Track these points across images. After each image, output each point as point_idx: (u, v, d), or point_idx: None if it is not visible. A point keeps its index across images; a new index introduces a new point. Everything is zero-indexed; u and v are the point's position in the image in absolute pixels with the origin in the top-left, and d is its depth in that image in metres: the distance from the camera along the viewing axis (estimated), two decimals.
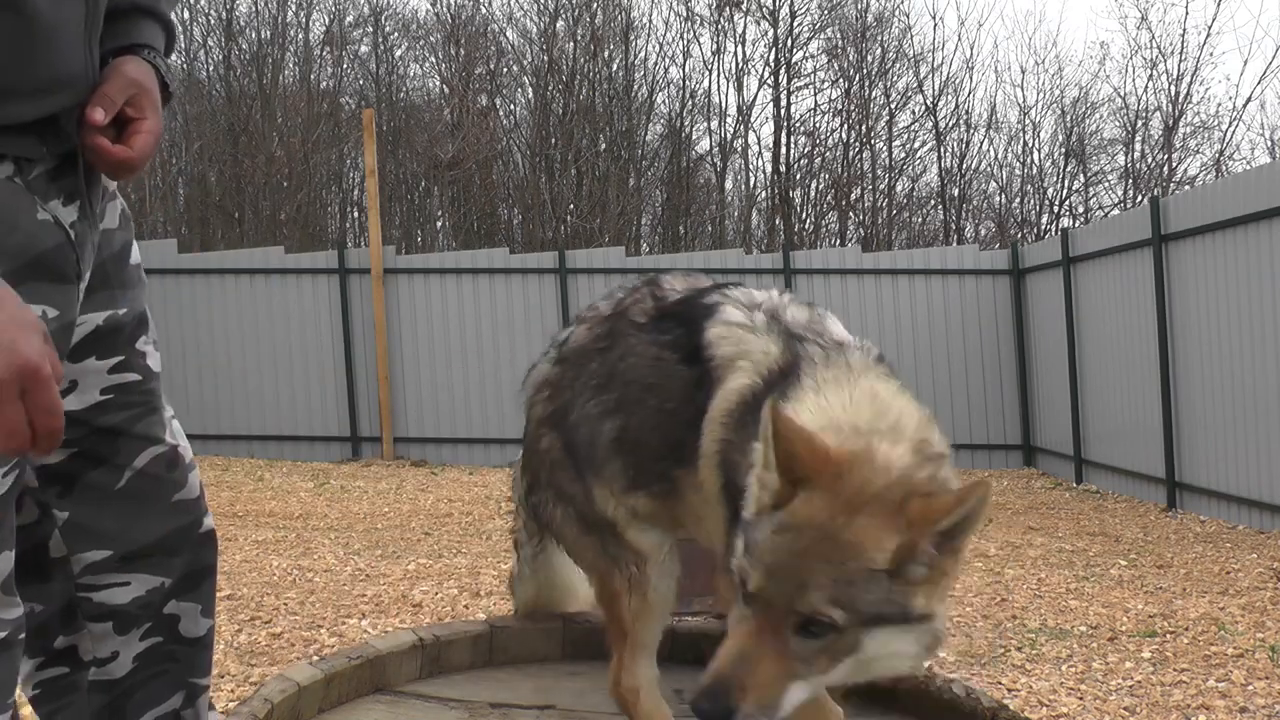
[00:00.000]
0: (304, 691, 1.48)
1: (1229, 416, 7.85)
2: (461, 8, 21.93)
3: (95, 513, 1.72)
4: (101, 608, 1.75)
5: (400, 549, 6.71)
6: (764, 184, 22.38)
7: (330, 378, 11.50)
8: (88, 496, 1.71)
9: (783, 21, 21.28)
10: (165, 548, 1.77)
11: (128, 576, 1.75)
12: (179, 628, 1.81)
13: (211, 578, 1.86)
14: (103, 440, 1.70)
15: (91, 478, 1.71)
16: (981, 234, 21.69)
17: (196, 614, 1.83)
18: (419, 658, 1.67)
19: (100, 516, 1.72)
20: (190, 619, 1.82)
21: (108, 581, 1.74)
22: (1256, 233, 7.46)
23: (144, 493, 1.74)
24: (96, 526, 1.72)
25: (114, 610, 1.75)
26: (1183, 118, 20.15)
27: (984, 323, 11.29)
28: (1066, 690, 4.14)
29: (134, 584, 1.75)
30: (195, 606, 1.83)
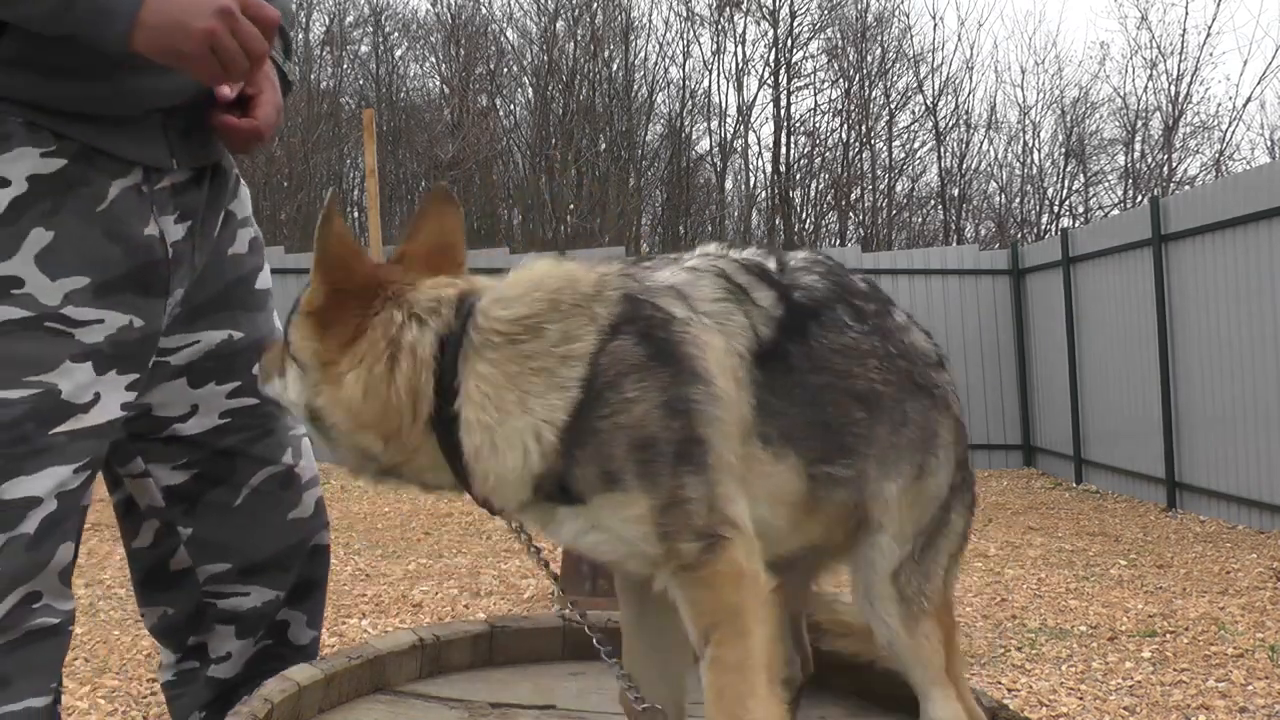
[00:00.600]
0: (304, 691, 1.48)
1: (1229, 417, 7.85)
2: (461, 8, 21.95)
3: (215, 529, 1.83)
4: (225, 613, 1.87)
5: (400, 549, 6.71)
6: (764, 184, 22.41)
7: None
8: (209, 514, 1.82)
9: (783, 21, 21.30)
10: (280, 564, 1.88)
11: (247, 588, 1.86)
12: (288, 633, 1.92)
13: (320, 590, 1.97)
14: (221, 461, 1.80)
15: (211, 496, 1.82)
16: (981, 234, 21.71)
17: (303, 623, 1.94)
18: (419, 658, 1.67)
19: (220, 532, 1.83)
20: (297, 626, 1.94)
21: (230, 591, 1.86)
22: (1256, 233, 7.47)
23: (260, 511, 1.84)
24: (217, 541, 1.84)
25: (237, 615, 1.87)
26: (1183, 118, 20.17)
27: (984, 323, 11.29)
28: (1066, 690, 4.14)
29: (253, 594, 1.87)
30: (303, 616, 1.94)
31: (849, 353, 1.28)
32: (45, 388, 1.52)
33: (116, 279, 1.57)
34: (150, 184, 1.62)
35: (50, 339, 1.52)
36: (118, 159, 1.58)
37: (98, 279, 1.55)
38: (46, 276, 1.52)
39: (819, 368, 1.26)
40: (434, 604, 5.29)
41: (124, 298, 1.58)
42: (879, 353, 1.30)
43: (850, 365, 1.28)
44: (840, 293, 1.32)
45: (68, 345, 1.53)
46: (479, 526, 7.50)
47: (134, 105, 1.58)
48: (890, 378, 1.30)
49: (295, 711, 1.46)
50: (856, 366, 1.28)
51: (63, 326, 1.53)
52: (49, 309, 1.52)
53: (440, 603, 5.31)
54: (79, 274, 1.54)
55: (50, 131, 1.52)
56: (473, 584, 5.70)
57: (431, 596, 5.42)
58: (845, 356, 1.28)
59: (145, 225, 1.60)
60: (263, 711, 1.37)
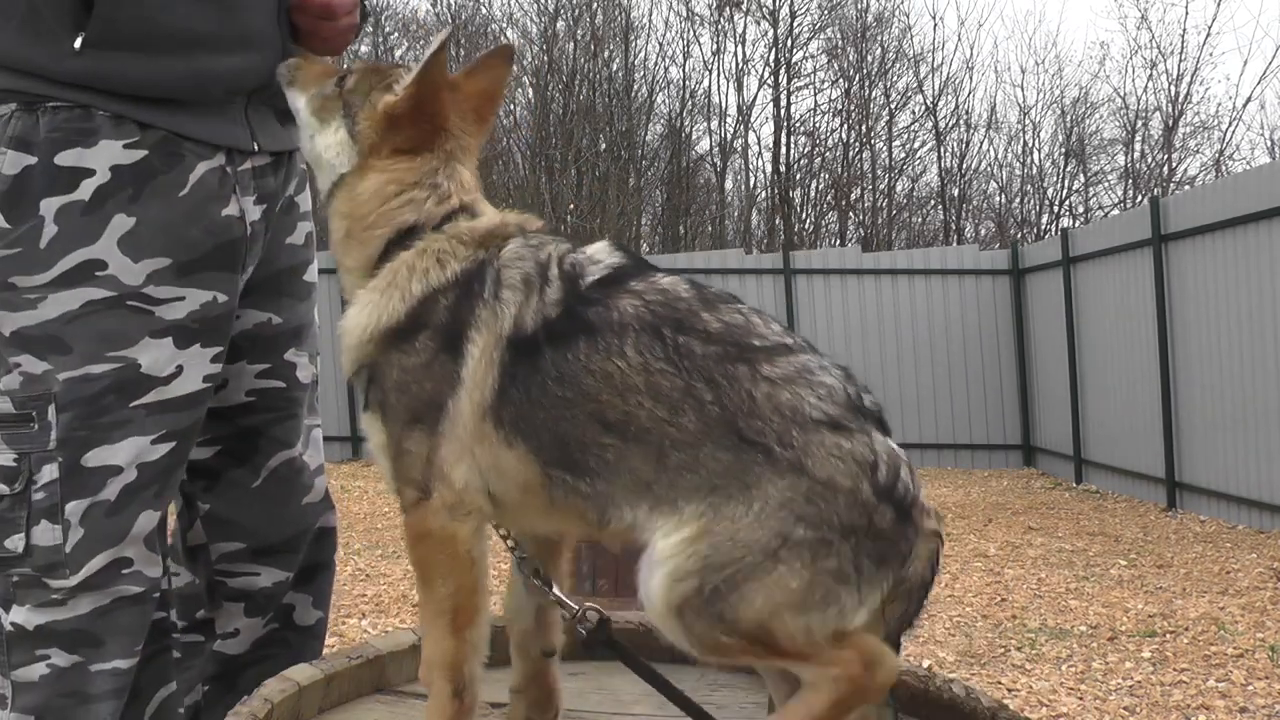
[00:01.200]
0: (304, 691, 1.48)
1: (1229, 416, 7.85)
2: (461, 8, 21.94)
3: (233, 508, 1.90)
4: (235, 592, 1.93)
5: (400, 549, 6.71)
6: (764, 184, 22.41)
7: (330, 377, 11.48)
8: (228, 493, 1.89)
9: (783, 21, 21.29)
10: (291, 546, 1.95)
11: (258, 568, 1.93)
12: (293, 616, 1.99)
13: (326, 572, 2.04)
14: (244, 440, 1.88)
15: (233, 475, 1.89)
16: (981, 234, 21.71)
17: (309, 605, 2.01)
18: (419, 658, 1.67)
19: (237, 511, 1.90)
20: (303, 608, 2.00)
21: (241, 570, 1.92)
22: (1256, 233, 7.47)
23: (277, 494, 1.91)
24: (234, 520, 1.90)
25: (247, 594, 1.93)
26: (1183, 118, 20.17)
27: (984, 323, 11.29)
28: (1066, 690, 4.14)
29: (263, 575, 1.93)
30: (308, 598, 2.01)
31: (607, 380, 1.28)
32: (126, 362, 1.63)
33: (198, 258, 1.68)
34: (234, 165, 1.73)
35: (131, 316, 1.63)
36: (203, 143, 1.68)
37: (180, 259, 1.65)
38: (129, 259, 1.62)
39: (564, 380, 1.29)
40: None
41: (206, 275, 1.68)
42: (669, 391, 1.26)
43: (603, 391, 1.28)
44: (656, 325, 1.29)
45: (148, 322, 1.64)
46: None
47: (213, 87, 1.68)
48: (676, 418, 1.26)
49: (295, 711, 1.46)
50: (612, 395, 1.27)
51: (144, 305, 1.63)
52: (131, 288, 1.62)
53: None
54: (161, 255, 1.64)
55: (135, 123, 1.63)
56: None
57: None
58: (600, 381, 1.28)
59: (225, 206, 1.71)
60: (263, 711, 1.38)
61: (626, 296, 1.32)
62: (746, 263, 11.72)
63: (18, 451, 1.63)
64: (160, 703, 1.81)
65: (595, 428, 1.28)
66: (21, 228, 1.60)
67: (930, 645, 4.71)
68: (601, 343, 1.29)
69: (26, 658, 1.65)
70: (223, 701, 1.94)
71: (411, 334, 1.35)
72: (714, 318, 1.30)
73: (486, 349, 1.32)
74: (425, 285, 1.37)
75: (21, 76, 1.60)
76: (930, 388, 11.27)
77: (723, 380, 1.26)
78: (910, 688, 1.60)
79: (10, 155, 1.59)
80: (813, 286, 11.35)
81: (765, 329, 1.31)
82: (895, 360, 11.26)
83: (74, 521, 1.63)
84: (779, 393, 1.26)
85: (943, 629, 4.99)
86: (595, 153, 20.82)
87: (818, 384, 1.27)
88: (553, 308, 1.32)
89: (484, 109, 1.51)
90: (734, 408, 1.25)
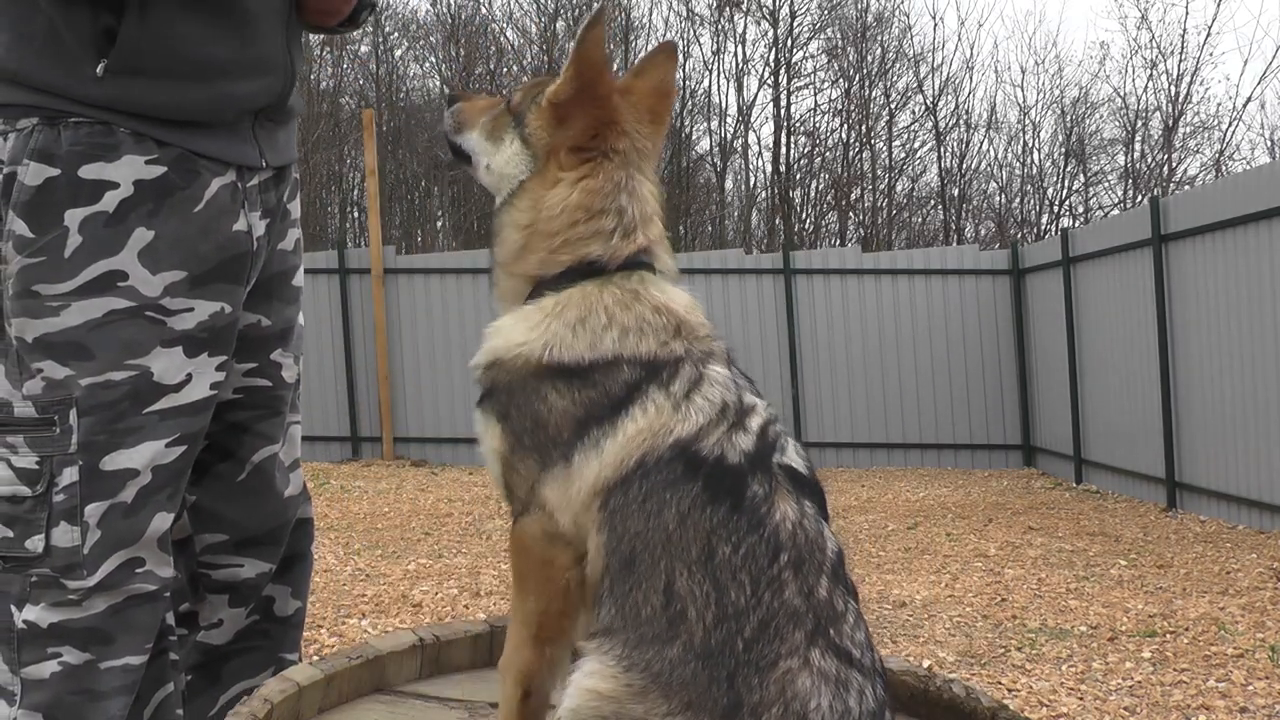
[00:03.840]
0: (304, 691, 1.48)
1: (1229, 417, 7.85)
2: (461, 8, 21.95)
3: (218, 500, 1.95)
4: (219, 584, 1.99)
5: (400, 549, 6.71)
6: (764, 184, 22.42)
7: (330, 377, 11.50)
8: (214, 486, 1.95)
9: (783, 21, 21.29)
10: (273, 538, 2.01)
11: (241, 560, 1.99)
12: (273, 608, 2.05)
13: (303, 563, 2.10)
14: (231, 435, 1.94)
15: (219, 469, 1.95)
16: (981, 234, 21.72)
17: (287, 595, 2.07)
18: (419, 658, 1.67)
19: (222, 504, 1.96)
20: (282, 599, 2.06)
21: (225, 562, 1.98)
22: (1256, 233, 7.47)
23: (259, 487, 1.98)
24: (218, 512, 1.96)
25: (231, 586, 1.99)
26: (1183, 118, 20.18)
27: (984, 323, 11.29)
28: (1066, 690, 4.14)
29: (247, 566, 1.99)
30: (286, 589, 2.07)
31: (707, 556, 1.25)
32: (140, 370, 1.69)
33: (210, 271, 1.74)
34: (243, 181, 1.79)
35: (147, 326, 1.69)
36: (216, 160, 1.74)
37: (194, 272, 1.72)
38: (148, 270, 1.68)
39: (683, 520, 1.26)
40: (434, 604, 5.29)
41: (216, 287, 1.76)
42: (729, 603, 1.23)
43: (696, 562, 1.25)
44: (779, 549, 1.26)
45: (161, 332, 1.71)
46: (479, 526, 7.50)
47: (228, 109, 1.75)
48: (708, 626, 1.23)
49: (295, 711, 1.46)
50: (696, 570, 1.25)
51: (159, 315, 1.70)
52: (149, 299, 1.69)
53: (440, 603, 5.31)
54: (177, 268, 1.71)
55: (154, 140, 1.68)
56: (473, 584, 5.70)
57: (431, 596, 5.42)
58: (701, 552, 1.25)
59: (235, 221, 1.78)
60: (263, 711, 1.37)
61: (793, 507, 1.27)
62: (746, 263, 11.72)
63: (40, 455, 1.67)
64: (159, 704, 1.82)
65: (658, 581, 1.24)
66: (46, 237, 1.64)
67: (930, 645, 4.71)
68: (734, 523, 1.25)
69: (38, 655, 1.68)
70: (206, 692, 2.01)
71: (578, 381, 1.33)
72: (822, 585, 1.25)
73: (640, 434, 1.29)
74: (619, 347, 1.34)
75: (43, 94, 1.64)
76: (930, 388, 11.27)
77: (773, 634, 1.21)
78: (910, 688, 1.61)
79: (33, 167, 1.63)
80: (813, 286, 11.35)
81: (853, 631, 1.25)
82: (895, 360, 11.26)
83: (92, 523, 1.67)
84: (799, 680, 1.19)
85: (943, 629, 4.99)
86: None
87: (841, 709, 1.19)
88: (733, 453, 1.28)
89: (658, 107, 1.49)
90: (751, 660, 1.20)
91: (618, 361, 1.34)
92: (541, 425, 1.34)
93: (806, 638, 1.22)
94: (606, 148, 1.41)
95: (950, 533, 7.51)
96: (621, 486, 1.28)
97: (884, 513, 8.44)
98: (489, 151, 1.50)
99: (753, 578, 1.23)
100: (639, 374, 1.33)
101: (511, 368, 1.38)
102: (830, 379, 11.33)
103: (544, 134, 1.42)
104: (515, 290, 1.44)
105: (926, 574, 6.16)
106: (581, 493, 1.30)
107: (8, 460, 1.68)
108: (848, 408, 11.35)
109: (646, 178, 1.45)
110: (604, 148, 1.41)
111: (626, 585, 1.26)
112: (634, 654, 1.23)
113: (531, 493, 1.34)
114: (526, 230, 1.42)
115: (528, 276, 1.43)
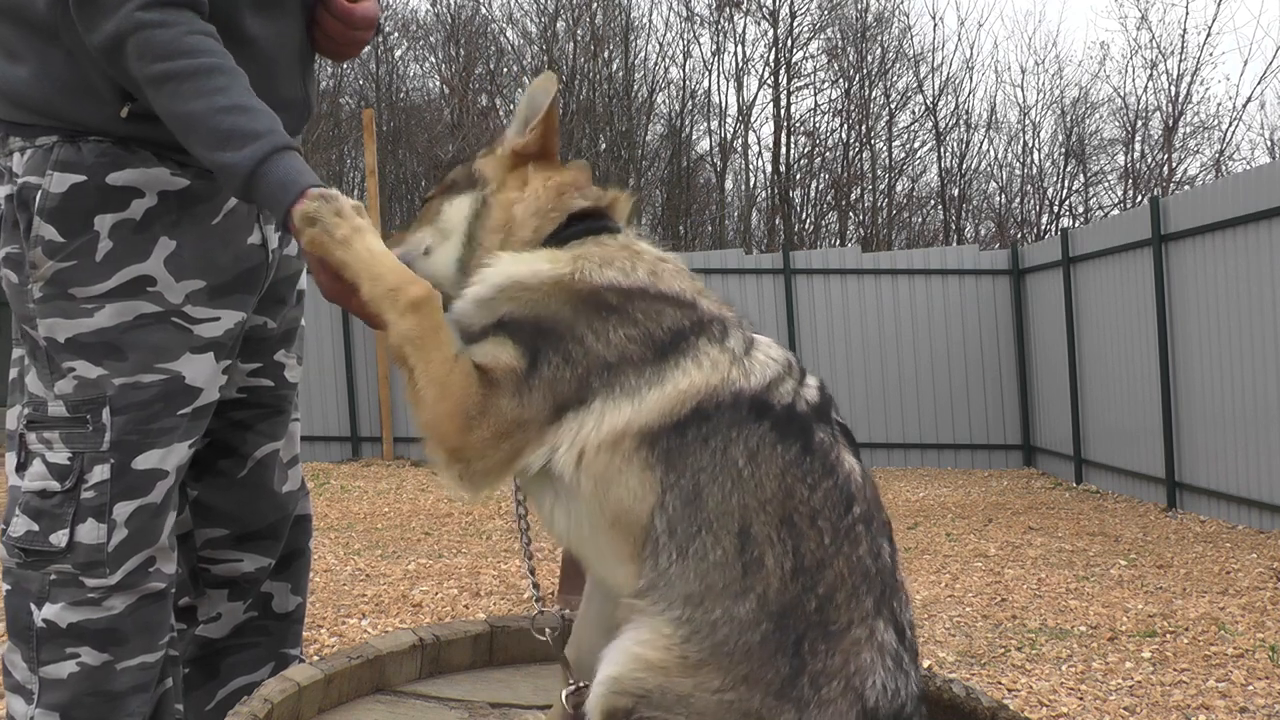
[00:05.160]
0: (304, 691, 1.48)
1: (1229, 416, 7.85)
2: (461, 8, 21.94)
3: (220, 495, 1.99)
4: (219, 579, 2.01)
5: (400, 549, 6.71)
6: (764, 184, 22.41)
7: (330, 377, 11.50)
8: (217, 481, 1.98)
9: (783, 21, 21.29)
10: (273, 533, 2.04)
11: (241, 554, 2.02)
12: (272, 604, 2.08)
13: (302, 559, 2.14)
14: (234, 432, 1.98)
15: (222, 465, 1.99)
16: (981, 234, 21.71)
17: (286, 591, 2.10)
18: (419, 658, 1.67)
19: (222, 499, 1.99)
20: (281, 596, 2.09)
21: (224, 557, 2.01)
22: (1256, 233, 7.46)
23: (261, 483, 2.01)
24: (220, 507, 1.99)
25: (230, 580, 2.02)
26: (1183, 118, 20.17)
27: (984, 323, 11.29)
28: (1066, 690, 4.14)
29: (246, 561, 2.02)
30: (285, 585, 2.10)
31: (784, 497, 1.22)
32: (172, 374, 1.74)
33: (228, 281, 1.79)
34: None
35: (175, 331, 1.74)
36: None
37: (212, 282, 1.77)
38: (173, 278, 1.73)
39: (754, 461, 1.22)
40: (434, 604, 5.29)
41: (236, 297, 1.81)
42: (808, 553, 1.22)
43: (770, 504, 1.22)
44: (852, 498, 1.29)
45: (189, 338, 1.76)
46: (479, 526, 7.50)
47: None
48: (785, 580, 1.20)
49: (295, 711, 1.46)
50: (771, 513, 1.22)
51: (184, 322, 1.75)
52: (174, 305, 1.74)
53: (440, 603, 5.31)
54: (197, 277, 1.75)
55: (174, 160, 1.73)
56: (473, 584, 5.70)
57: (431, 596, 5.42)
58: (777, 493, 1.23)
59: (250, 234, 1.83)
60: (263, 711, 1.38)
61: (853, 461, 1.26)
62: (746, 263, 11.71)
63: (73, 451, 1.70)
64: (159, 698, 1.84)
65: (730, 521, 1.16)
66: (77, 241, 1.68)
67: (930, 645, 4.71)
68: (807, 464, 1.20)
69: (56, 655, 1.70)
70: (204, 686, 2.04)
71: (616, 315, 1.24)
72: (885, 548, 1.22)
73: (696, 389, 1.21)
74: (653, 280, 1.27)
75: (64, 121, 1.68)
76: (930, 388, 11.27)
77: (847, 597, 1.15)
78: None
79: (56, 176, 1.68)
80: (813, 286, 11.34)
81: (905, 607, 1.21)
82: (895, 360, 11.26)
83: (119, 522, 1.70)
84: (864, 653, 1.14)
85: (943, 629, 4.99)
86: (595, 153, 20.80)
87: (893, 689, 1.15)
88: (803, 403, 1.25)
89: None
90: (823, 622, 1.14)
91: (660, 297, 1.26)
92: (576, 362, 1.22)
93: (875, 605, 1.15)
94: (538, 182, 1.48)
95: (950, 533, 7.51)
96: (676, 430, 1.19)
97: None
98: (434, 237, 1.49)
99: (832, 525, 1.16)
100: (683, 320, 1.25)
101: (536, 289, 1.27)
102: (830, 379, 11.27)
103: (499, 170, 1.49)
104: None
105: (926, 574, 6.16)
106: (601, 434, 1.20)
107: (42, 455, 1.72)
108: (848, 408, 11.35)
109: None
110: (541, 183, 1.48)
111: (693, 525, 1.15)
112: (697, 613, 1.14)
113: (520, 403, 1.22)
114: (505, 226, 1.42)
115: (528, 243, 1.39)
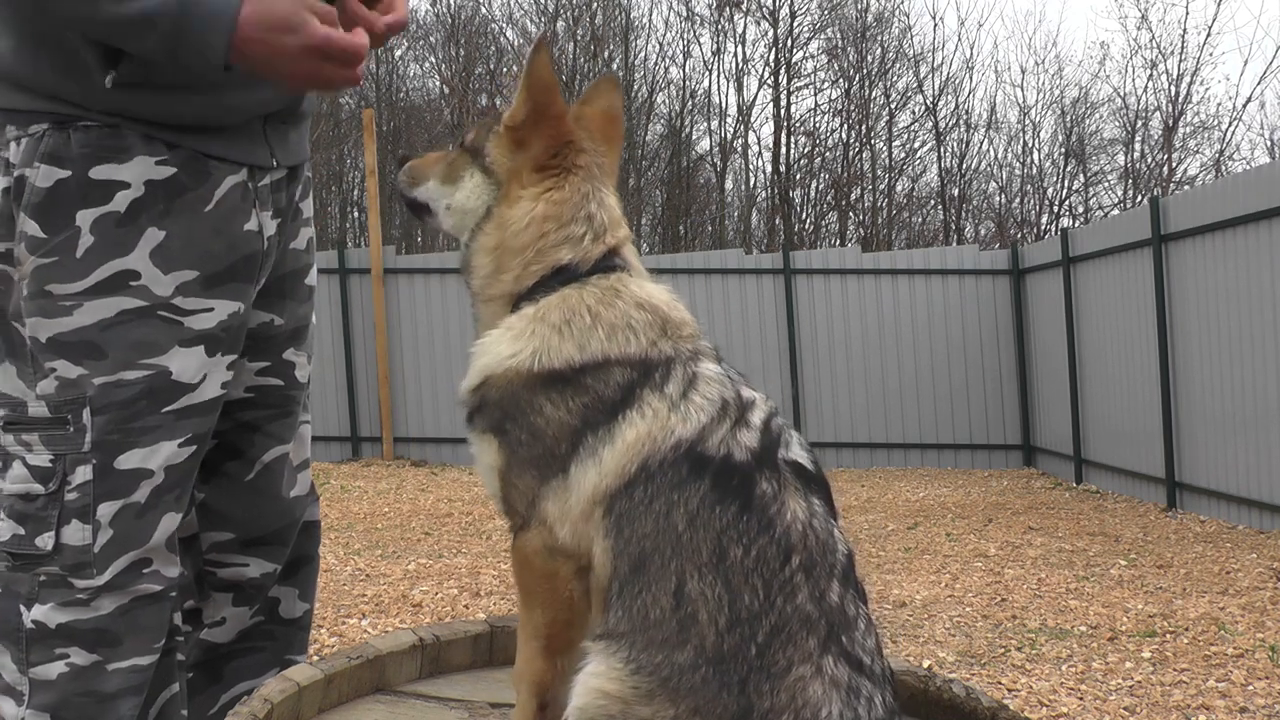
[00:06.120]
0: (304, 691, 1.48)
1: (1229, 417, 7.85)
2: (461, 8, 21.95)
3: (226, 499, 1.95)
4: (224, 583, 1.98)
5: (400, 549, 6.71)
6: (764, 184, 22.42)
7: (330, 377, 11.50)
8: (223, 484, 1.95)
9: (783, 21, 21.30)
10: (280, 538, 2.00)
11: (247, 559, 1.98)
12: (279, 609, 2.04)
13: (310, 565, 2.09)
14: (241, 434, 1.94)
15: (228, 467, 1.94)
16: (981, 234, 21.73)
17: (294, 597, 2.06)
18: (419, 658, 1.67)
19: (230, 503, 1.95)
20: (288, 601, 2.05)
21: (230, 561, 1.98)
22: (1256, 233, 7.47)
23: (267, 486, 1.97)
24: (226, 511, 1.95)
25: (235, 584, 1.98)
26: (1183, 118, 20.18)
27: (984, 323, 11.29)
28: (1066, 690, 4.14)
29: (252, 566, 1.98)
30: (293, 591, 2.06)
31: (718, 557, 1.25)
32: (157, 370, 1.69)
33: (222, 271, 1.74)
34: (254, 181, 1.79)
35: (162, 325, 1.70)
36: (227, 160, 1.74)
37: (205, 272, 1.72)
38: (160, 270, 1.68)
39: (692, 522, 1.26)
40: (434, 604, 5.29)
41: (231, 287, 1.76)
42: (742, 606, 1.24)
43: (707, 564, 1.25)
44: (791, 550, 1.27)
45: (178, 332, 1.71)
46: (479, 527, 7.50)
47: (238, 116, 1.74)
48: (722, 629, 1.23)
49: (295, 711, 1.46)
50: (708, 571, 1.25)
51: (173, 315, 1.71)
52: (161, 299, 1.69)
53: (440, 603, 5.32)
54: (189, 268, 1.71)
55: (163, 142, 1.68)
56: (473, 584, 5.70)
57: (431, 596, 5.42)
58: (713, 553, 1.25)
59: (246, 221, 1.77)
60: (263, 711, 1.37)
61: (801, 507, 1.28)
62: (746, 263, 11.71)
63: (54, 453, 1.68)
64: (164, 704, 1.82)
65: (670, 580, 1.24)
66: (58, 237, 1.65)
67: (930, 645, 4.71)
68: (744, 523, 1.25)
69: (46, 656, 1.69)
70: (207, 690, 2.01)
71: (570, 389, 1.34)
72: (834, 589, 1.25)
73: (640, 440, 1.29)
74: (608, 346, 1.35)
75: (52, 100, 1.65)
76: (930, 388, 11.27)
77: (786, 640, 1.21)
78: (910, 688, 1.61)
79: (43, 169, 1.65)
80: (813, 286, 11.34)
81: (864, 638, 1.25)
82: (895, 360, 11.26)
83: (104, 522, 1.68)
84: (810, 688, 1.19)
85: (943, 629, 4.99)
86: None
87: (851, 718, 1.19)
88: (739, 451, 1.28)
89: (609, 130, 1.52)
90: (764, 666, 1.20)
91: (608, 363, 1.34)
92: (539, 437, 1.34)
93: (819, 644, 1.21)
94: (569, 164, 1.43)
95: (950, 533, 7.51)
96: (626, 491, 1.28)
97: (884, 513, 8.44)
98: (447, 194, 1.52)
99: (765, 581, 1.23)
100: (631, 375, 1.33)
101: (503, 382, 1.37)
102: (830, 379, 11.33)
103: (505, 159, 1.45)
104: (495, 314, 1.44)
105: (926, 574, 6.17)
106: (581, 503, 1.30)
107: (23, 458, 1.70)
108: (848, 408, 11.36)
109: (610, 191, 1.47)
110: (566, 164, 1.43)
111: (636, 588, 1.26)
112: (642, 657, 1.23)
113: (531, 507, 1.34)
114: (496, 252, 1.43)
115: (505, 296, 1.43)
